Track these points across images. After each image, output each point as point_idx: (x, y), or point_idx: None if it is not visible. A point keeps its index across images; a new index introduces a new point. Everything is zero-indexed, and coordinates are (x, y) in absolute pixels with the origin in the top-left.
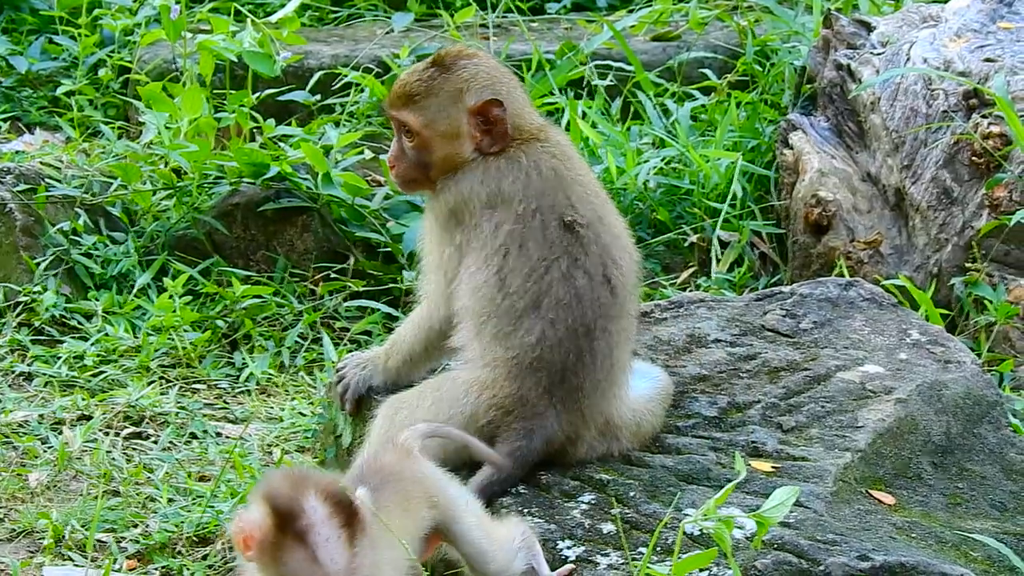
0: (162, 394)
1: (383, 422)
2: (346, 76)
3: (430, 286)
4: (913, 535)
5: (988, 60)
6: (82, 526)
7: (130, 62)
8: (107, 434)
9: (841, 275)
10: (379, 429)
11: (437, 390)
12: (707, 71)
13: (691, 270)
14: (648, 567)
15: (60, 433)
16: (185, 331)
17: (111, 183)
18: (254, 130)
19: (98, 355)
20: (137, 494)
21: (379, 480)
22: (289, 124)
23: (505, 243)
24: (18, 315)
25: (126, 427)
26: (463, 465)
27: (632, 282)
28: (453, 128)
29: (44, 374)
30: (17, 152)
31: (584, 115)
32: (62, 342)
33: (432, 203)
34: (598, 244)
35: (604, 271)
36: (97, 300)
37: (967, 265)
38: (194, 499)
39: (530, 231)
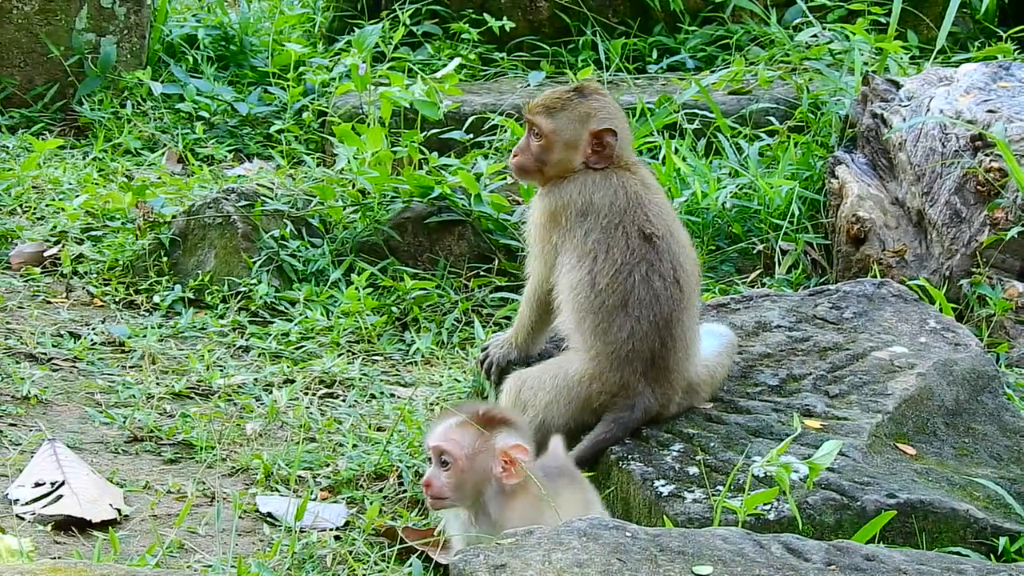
0: (349, 363)
1: (508, 396)
2: (493, 119)
3: (535, 266)
4: (930, 479)
5: (990, 111)
6: (286, 465)
7: (326, 107)
8: (306, 394)
9: (874, 277)
10: (506, 400)
11: (555, 378)
12: (772, 118)
13: (758, 272)
14: (724, 501)
15: (270, 393)
16: (367, 315)
17: (311, 200)
18: (422, 160)
19: (300, 333)
20: (329, 441)
21: (557, 471)
22: (449, 156)
23: (593, 248)
24: (238, 302)
25: (321, 389)
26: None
27: (695, 280)
28: (574, 140)
29: (258, 347)
30: (239, 176)
31: (676, 151)
32: (272, 322)
33: (538, 201)
34: (670, 252)
35: (674, 274)
36: (299, 291)
37: (972, 270)
38: (373, 445)
39: (615, 240)
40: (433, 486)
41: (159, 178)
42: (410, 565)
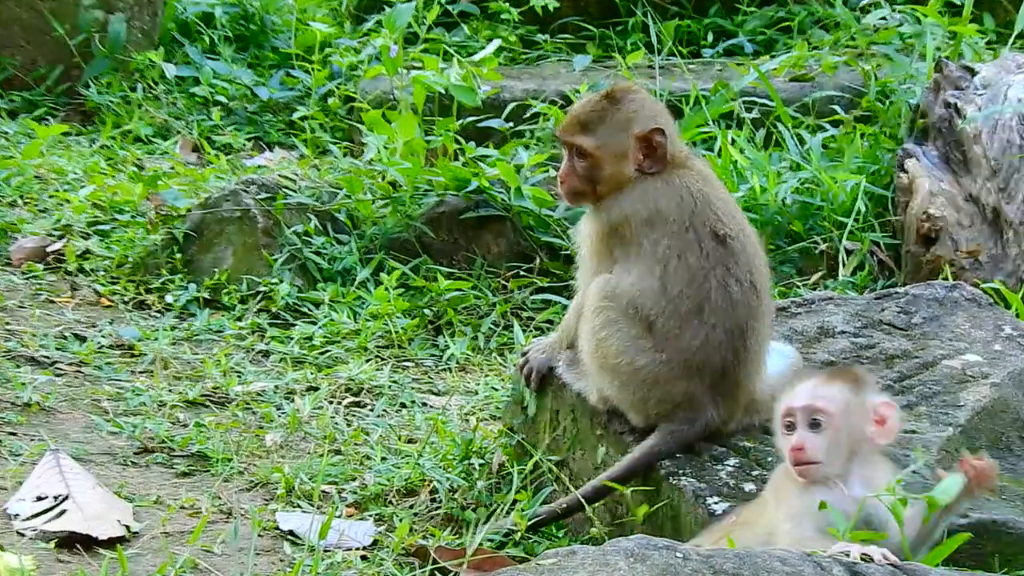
0: (377, 370)
1: (592, 323)
2: (535, 107)
3: (588, 279)
4: (1004, 497)
5: None
6: (309, 479)
7: (354, 92)
8: (331, 403)
9: (946, 279)
10: (590, 314)
11: (629, 369)
12: (836, 107)
13: (820, 273)
14: None
15: (292, 401)
16: (398, 318)
17: (337, 193)
18: (457, 151)
19: (324, 337)
20: (355, 453)
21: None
22: (487, 146)
23: (665, 256)
24: (258, 302)
25: (347, 397)
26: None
27: (768, 284)
28: (621, 150)
29: (279, 352)
30: (260, 166)
31: (733, 142)
32: (295, 325)
33: (595, 216)
34: (744, 253)
35: (750, 277)
36: (324, 291)
37: None
38: (403, 458)
39: (687, 244)
40: (807, 450)
41: (172, 168)
42: None
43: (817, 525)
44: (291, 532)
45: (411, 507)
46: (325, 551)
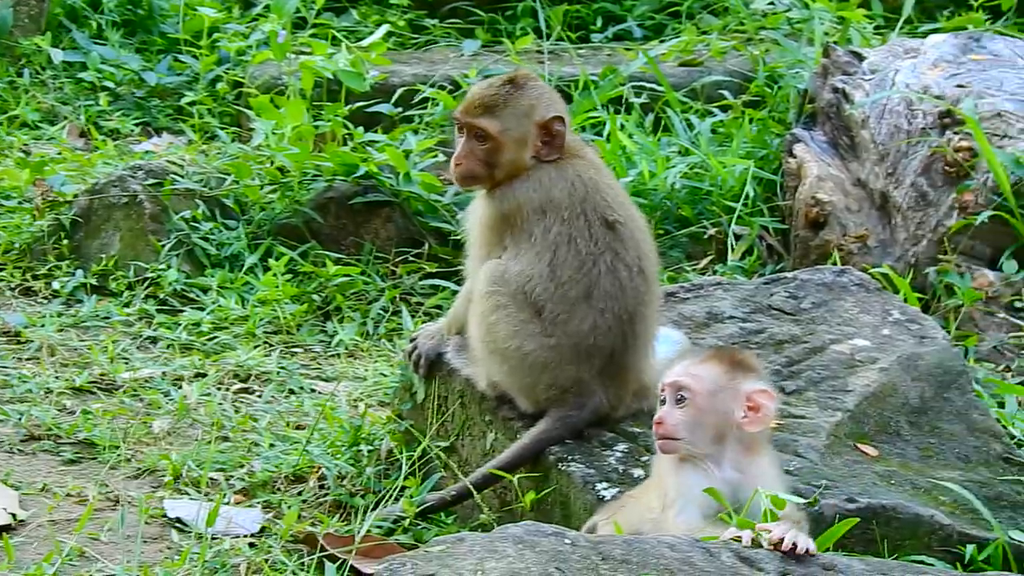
0: (266, 356)
1: (482, 307)
2: (424, 92)
3: (475, 265)
4: (892, 482)
5: (959, 86)
6: (197, 466)
7: (243, 78)
8: (219, 389)
9: (835, 264)
10: (480, 299)
11: (517, 354)
12: (725, 92)
13: (710, 258)
14: None
15: (179, 388)
16: (286, 303)
17: (225, 178)
18: (346, 136)
19: (212, 323)
20: (243, 440)
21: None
22: (376, 131)
23: (555, 241)
24: (146, 289)
25: (235, 383)
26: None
27: (656, 269)
28: (522, 136)
29: (167, 338)
30: (147, 152)
31: (622, 127)
32: (182, 311)
33: (488, 202)
34: (633, 239)
35: (639, 263)
36: (212, 277)
37: (939, 257)
38: (291, 444)
39: (577, 230)
40: (665, 424)
41: (59, 154)
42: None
43: (700, 508)
44: (179, 519)
45: (299, 494)
46: (213, 538)
